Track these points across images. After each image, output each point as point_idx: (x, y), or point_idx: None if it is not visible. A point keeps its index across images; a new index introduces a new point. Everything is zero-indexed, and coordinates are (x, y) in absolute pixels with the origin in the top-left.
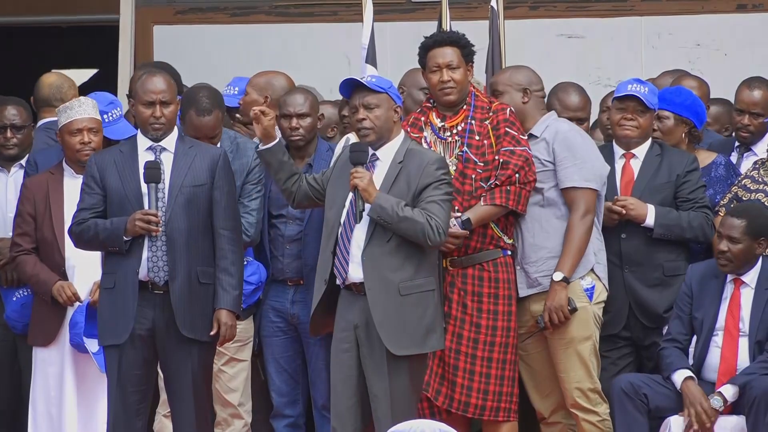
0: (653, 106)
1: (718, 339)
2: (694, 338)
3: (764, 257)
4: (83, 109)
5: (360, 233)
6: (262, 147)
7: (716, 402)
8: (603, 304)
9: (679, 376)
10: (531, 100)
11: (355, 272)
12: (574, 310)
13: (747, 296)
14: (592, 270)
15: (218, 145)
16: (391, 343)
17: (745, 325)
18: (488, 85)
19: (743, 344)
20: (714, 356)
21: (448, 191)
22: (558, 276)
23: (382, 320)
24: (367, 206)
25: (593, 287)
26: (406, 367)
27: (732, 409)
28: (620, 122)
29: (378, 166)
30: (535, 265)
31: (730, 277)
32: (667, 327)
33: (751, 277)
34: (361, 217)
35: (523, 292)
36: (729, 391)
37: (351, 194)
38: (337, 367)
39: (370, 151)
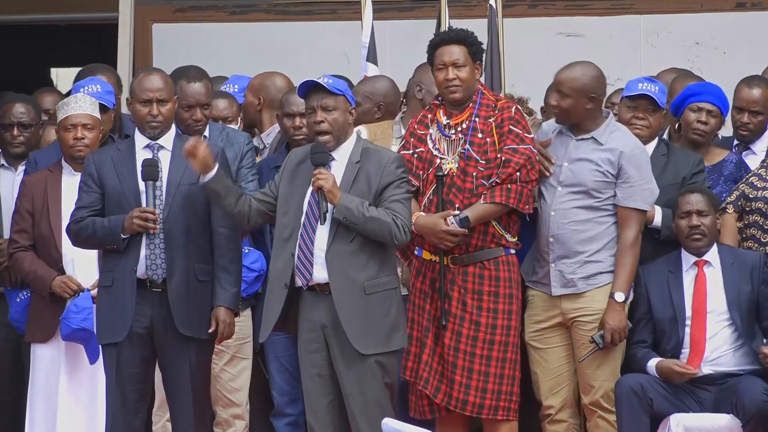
0: (663, 105)
1: (689, 328)
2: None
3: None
4: (79, 105)
5: (322, 234)
6: (205, 179)
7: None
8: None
9: (653, 363)
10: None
11: (320, 273)
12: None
13: (713, 275)
14: None
15: (207, 131)
16: (358, 342)
17: (711, 303)
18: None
19: (711, 320)
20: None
21: (408, 189)
22: (620, 297)
23: (348, 319)
24: (331, 207)
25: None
26: (377, 365)
27: (718, 406)
28: (631, 121)
29: (333, 166)
30: (572, 266)
31: (690, 262)
32: (632, 330)
33: (712, 255)
34: (325, 219)
35: (557, 291)
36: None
37: (311, 196)
38: (307, 367)
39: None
